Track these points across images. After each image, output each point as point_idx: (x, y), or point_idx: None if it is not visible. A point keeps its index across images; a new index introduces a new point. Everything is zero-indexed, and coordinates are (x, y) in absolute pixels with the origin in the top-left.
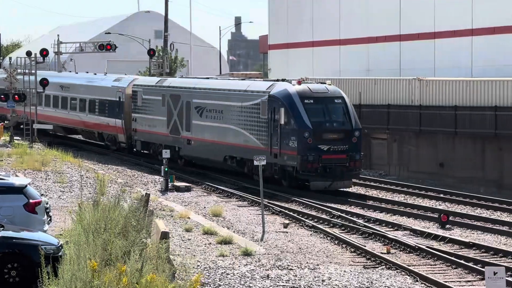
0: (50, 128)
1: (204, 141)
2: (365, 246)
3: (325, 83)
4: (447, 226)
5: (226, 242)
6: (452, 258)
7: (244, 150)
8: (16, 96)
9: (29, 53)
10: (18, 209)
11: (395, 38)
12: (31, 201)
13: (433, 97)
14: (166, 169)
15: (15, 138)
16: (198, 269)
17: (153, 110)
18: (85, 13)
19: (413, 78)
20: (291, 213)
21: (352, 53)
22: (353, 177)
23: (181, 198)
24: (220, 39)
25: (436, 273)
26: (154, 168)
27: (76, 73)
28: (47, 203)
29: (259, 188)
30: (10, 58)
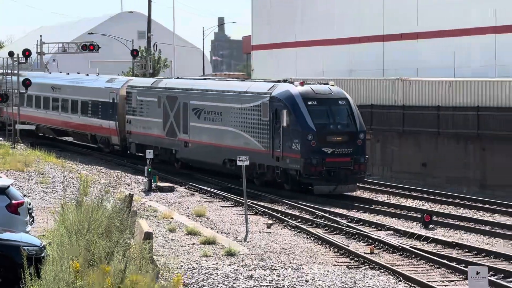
0: (32, 129)
1: (202, 144)
2: (348, 246)
3: (328, 84)
4: (430, 226)
5: (210, 242)
6: (435, 258)
7: (245, 153)
8: None
9: (11, 54)
10: (0, 210)
11: (378, 38)
12: (13, 202)
13: (416, 98)
14: (149, 170)
15: None
16: (182, 270)
17: (149, 111)
18: (68, 12)
19: (396, 79)
20: (274, 213)
21: (335, 53)
22: (358, 181)
23: (165, 198)
24: (203, 39)
25: (419, 273)
26: (137, 168)
27: (67, 73)
28: (29, 204)
29: (242, 189)
30: None
